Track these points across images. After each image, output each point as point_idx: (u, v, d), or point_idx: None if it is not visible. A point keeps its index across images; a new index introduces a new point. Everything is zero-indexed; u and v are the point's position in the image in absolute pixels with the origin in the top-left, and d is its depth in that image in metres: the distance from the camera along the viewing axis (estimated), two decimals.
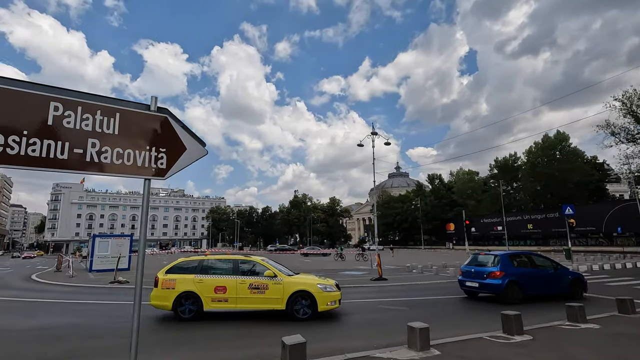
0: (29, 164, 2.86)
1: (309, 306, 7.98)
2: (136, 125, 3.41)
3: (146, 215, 3.34)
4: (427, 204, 77.83)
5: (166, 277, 8.16)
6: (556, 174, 49.88)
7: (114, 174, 3.22)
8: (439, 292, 12.76)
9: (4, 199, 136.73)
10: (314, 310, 7.95)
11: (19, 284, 17.92)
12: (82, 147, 3.10)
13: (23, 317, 8.83)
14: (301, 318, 7.88)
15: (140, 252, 3.33)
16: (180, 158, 3.62)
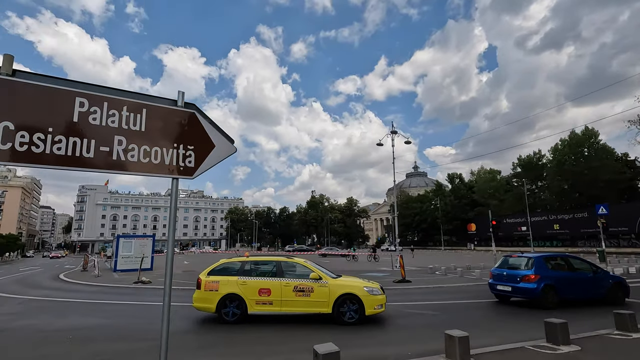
0: (56, 163, 2.71)
1: (356, 310, 7.72)
2: (163, 122, 3.24)
3: (174, 215, 3.16)
4: (446, 204, 76.20)
5: (209, 279, 8.06)
6: (585, 172, 47.75)
7: (141, 173, 3.06)
8: (468, 296, 12.23)
9: (34, 201, 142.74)
10: (361, 314, 7.66)
11: (48, 283, 18.43)
12: (108, 144, 2.94)
13: (54, 317, 8.94)
14: (348, 322, 7.61)
15: (168, 252, 3.15)
16: (209, 156, 3.44)
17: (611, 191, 47.92)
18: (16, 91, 2.63)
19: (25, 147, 2.61)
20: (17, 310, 10.01)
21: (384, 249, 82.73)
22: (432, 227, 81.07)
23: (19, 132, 2.60)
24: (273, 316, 8.28)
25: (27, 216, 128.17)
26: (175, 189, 3.20)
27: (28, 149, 2.61)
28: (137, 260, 25.13)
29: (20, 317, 8.88)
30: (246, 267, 8.32)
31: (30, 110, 2.67)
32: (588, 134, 49.27)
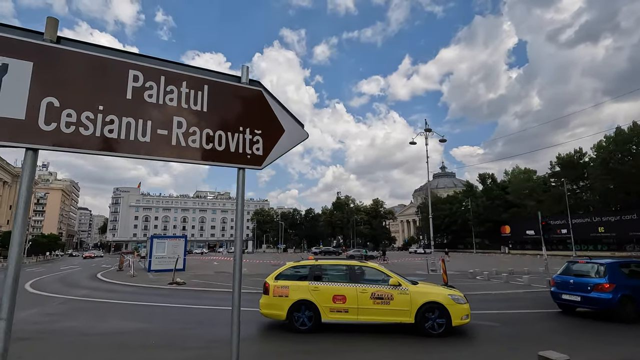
0: (107, 148, 2.23)
1: (442, 320, 7.01)
2: (227, 101, 2.72)
3: (241, 212, 2.63)
4: (478, 205, 73.25)
5: (277, 284, 7.63)
6: (633, 170, 44.25)
7: (203, 161, 2.54)
8: (523, 305, 11.16)
9: (73, 203, 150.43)
10: (448, 325, 6.96)
11: (87, 282, 18.78)
12: (166, 127, 2.44)
13: (95, 319, 8.78)
14: (434, 334, 6.95)
15: (236, 252, 2.61)
16: (279, 142, 2.89)
17: None
18: (61, 61, 2.17)
19: (73, 129, 2.14)
20: (58, 310, 9.98)
21: (412, 251, 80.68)
22: (463, 229, 78.24)
23: (65, 110, 2.14)
24: (347, 325, 7.64)
25: (66, 217, 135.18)
26: (242, 182, 2.66)
27: (76, 130, 2.14)
28: (170, 260, 25.38)
29: (61, 319, 8.78)
30: (316, 272, 7.79)
31: (77, 84, 2.20)
32: (637, 130, 45.66)
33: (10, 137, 1.97)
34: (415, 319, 7.01)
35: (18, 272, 1.89)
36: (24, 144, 2.00)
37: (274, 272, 8.07)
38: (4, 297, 1.82)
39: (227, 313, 9.66)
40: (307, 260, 8.68)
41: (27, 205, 1.97)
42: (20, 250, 1.91)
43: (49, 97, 2.09)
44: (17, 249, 1.90)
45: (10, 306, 1.83)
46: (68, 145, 2.11)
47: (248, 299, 12.62)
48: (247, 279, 19.98)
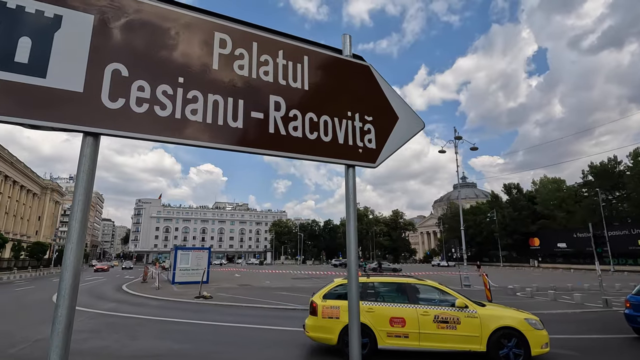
0: (190, 135, 1.60)
1: (518, 349, 6.12)
2: (331, 78, 2.07)
3: (354, 220, 1.96)
4: (504, 217, 70.49)
5: (326, 304, 6.88)
6: None
7: (306, 155, 1.88)
8: (593, 328, 9.96)
9: (97, 214, 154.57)
10: (526, 355, 6.07)
11: (113, 294, 18.49)
12: (261, 108, 1.80)
13: (125, 337, 8.26)
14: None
15: (351, 264, 1.92)
16: (393, 132, 2.20)
17: None
18: (131, 14, 1.57)
19: (146, 107, 1.51)
20: (87, 327, 9.51)
21: (435, 264, 78.12)
22: (488, 241, 75.46)
23: (136, 81, 1.52)
24: (408, 353, 6.67)
25: (91, 228, 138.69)
26: (352, 181, 1.98)
27: (150, 109, 1.52)
28: (194, 272, 25.01)
29: (91, 336, 8.28)
30: (369, 290, 7.03)
31: (152, 47, 1.59)
32: None
33: (63, 117, 1.37)
34: (487, 347, 6.13)
35: (77, 284, 1.29)
36: (82, 127, 1.39)
37: (320, 290, 7.32)
38: (60, 309, 1.27)
39: (259, 332, 8.99)
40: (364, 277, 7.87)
41: (86, 206, 1.37)
42: (78, 257, 1.32)
43: (114, 64, 1.49)
44: (76, 256, 1.30)
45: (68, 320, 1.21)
46: (140, 129, 1.49)
47: (281, 315, 11.94)
48: (271, 292, 19.30)
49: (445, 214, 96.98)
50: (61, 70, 1.40)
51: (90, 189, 1.39)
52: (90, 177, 1.39)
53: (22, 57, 1.35)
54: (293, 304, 14.33)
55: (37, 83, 1.35)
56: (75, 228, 1.34)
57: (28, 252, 52.26)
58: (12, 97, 1.31)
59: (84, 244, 1.37)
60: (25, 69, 1.35)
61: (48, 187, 73.49)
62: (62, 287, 1.30)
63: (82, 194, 1.37)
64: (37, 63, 1.37)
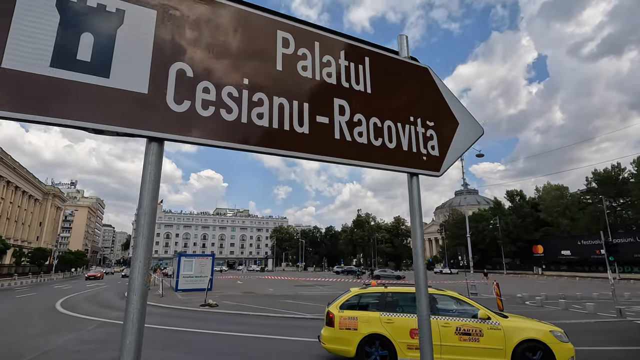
0: (257, 141, 1.48)
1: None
2: (391, 80, 1.95)
3: (420, 225, 1.81)
4: (507, 224, 70.06)
5: (343, 314, 6.67)
6: None
7: (371, 162, 1.76)
8: (611, 340, 9.73)
9: (98, 220, 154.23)
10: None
11: (117, 302, 18.26)
12: (326, 113, 1.68)
13: None
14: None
15: (419, 276, 1.78)
16: (455, 138, 2.07)
17: None
18: (196, 11, 1.46)
19: (212, 111, 1.40)
20: (95, 336, 9.31)
21: (438, 271, 77.45)
22: (491, 248, 74.94)
23: (201, 82, 1.40)
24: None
25: (91, 234, 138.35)
26: (417, 192, 1.84)
27: (216, 113, 1.40)
28: (198, 279, 24.75)
29: (101, 347, 8.08)
30: (387, 301, 6.84)
31: (214, 46, 1.47)
32: None
33: (128, 121, 1.25)
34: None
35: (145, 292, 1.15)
36: (147, 132, 1.27)
37: (337, 299, 7.12)
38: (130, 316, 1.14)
39: (272, 342, 8.79)
40: (372, 286, 7.69)
41: (152, 218, 1.25)
42: (144, 273, 1.19)
43: (179, 63, 1.37)
44: (142, 274, 1.17)
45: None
46: (206, 134, 1.36)
47: (290, 324, 11.71)
48: (276, 300, 19.04)
49: (447, 220, 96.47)
50: (125, 69, 1.28)
51: (156, 199, 1.27)
52: (155, 187, 1.26)
53: (85, 55, 1.23)
54: (300, 312, 14.10)
55: (101, 83, 1.23)
56: (142, 244, 1.22)
57: (29, 258, 51.96)
58: (75, 99, 1.19)
59: (150, 258, 1.24)
60: (89, 68, 1.23)
61: (50, 192, 73.42)
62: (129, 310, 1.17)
63: (148, 206, 1.24)
64: (100, 61, 1.25)
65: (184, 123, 1.33)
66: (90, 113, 1.20)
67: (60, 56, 1.19)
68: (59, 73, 1.17)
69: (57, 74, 1.17)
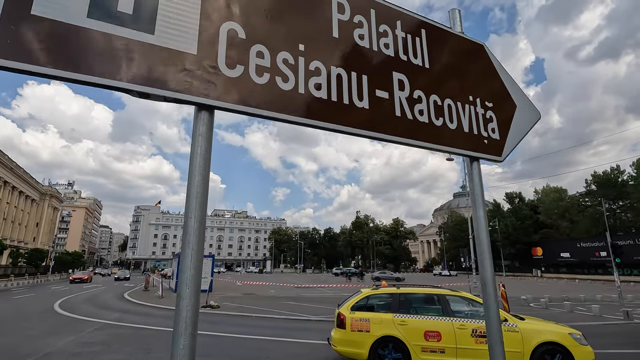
0: (313, 114, 1.31)
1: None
2: (448, 56, 1.77)
3: (484, 215, 1.64)
4: (507, 226, 69.98)
5: (355, 316, 6.44)
6: None
7: (432, 144, 1.58)
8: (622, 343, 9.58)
9: (95, 221, 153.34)
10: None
11: (116, 303, 17.96)
12: (386, 87, 1.50)
13: (139, 351, 7.80)
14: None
15: (486, 275, 1.59)
16: (513, 121, 1.89)
17: None
18: None
19: (266, 78, 1.22)
20: (96, 338, 9.06)
21: (437, 273, 77.23)
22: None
23: (254, 46, 1.22)
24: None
25: (89, 235, 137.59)
26: (478, 178, 1.66)
27: (271, 80, 1.22)
28: None
29: (103, 349, 7.83)
30: (400, 302, 6.63)
31: (267, 6, 1.29)
32: None
33: (176, 84, 1.07)
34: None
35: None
36: (197, 98, 1.09)
37: (348, 301, 6.90)
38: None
39: (279, 345, 8.58)
40: (383, 287, 7.48)
41: (204, 199, 1.07)
42: (198, 261, 1.00)
43: (230, 23, 1.19)
44: (196, 260, 0.99)
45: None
46: (261, 103, 1.19)
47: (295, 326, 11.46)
48: (279, 302, 18.79)
49: (447, 222, 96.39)
50: (171, 25, 1.10)
51: (207, 175, 1.08)
52: (206, 162, 1.08)
53: (126, 7, 1.05)
54: (304, 314, 13.88)
55: (144, 40, 1.05)
56: (194, 227, 1.03)
57: (25, 259, 51.42)
58: (116, 56, 1.00)
59: (203, 244, 1.05)
60: (131, 22, 1.04)
61: (47, 193, 72.80)
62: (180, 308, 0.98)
63: (199, 184, 1.05)
64: (143, 15, 1.07)
65: (238, 90, 1.15)
66: (133, 73, 1.01)
67: (98, 5, 1.01)
68: (97, 25, 0.99)
69: (95, 25, 0.99)
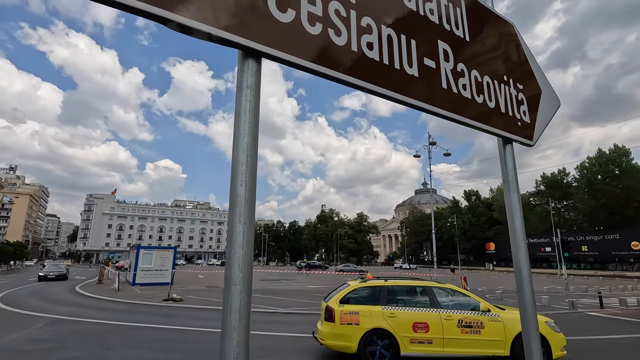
0: (361, 74, 1.14)
1: (542, 352, 5.96)
2: (487, 33, 1.68)
3: (518, 200, 1.56)
4: (464, 222, 73.81)
5: (344, 309, 6.35)
6: (617, 191, 45.63)
7: (476, 122, 1.49)
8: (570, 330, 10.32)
9: (41, 209, 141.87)
10: (549, 358, 5.98)
11: (67, 297, 16.68)
12: (433, 56, 1.37)
13: (97, 347, 7.23)
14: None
15: (521, 265, 1.53)
16: (540, 106, 1.85)
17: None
18: None
19: (320, 28, 1.06)
20: (47, 335, 8.30)
21: (397, 266, 79.91)
22: (448, 245, 78.48)
23: None
24: (421, 358, 6.27)
25: (33, 224, 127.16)
26: (512, 160, 1.59)
27: (324, 32, 1.06)
28: (158, 273, 23.42)
29: (57, 346, 7.18)
30: (388, 295, 6.65)
31: None
32: (620, 153, 47.34)
33: (223, 21, 0.87)
34: (511, 352, 6.01)
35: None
36: (245, 40, 0.90)
37: (335, 294, 6.83)
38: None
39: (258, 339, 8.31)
40: (370, 280, 7.48)
41: (254, 150, 0.89)
42: (250, 240, 0.81)
43: None
44: (248, 239, 0.80)
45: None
46: (314, 56, 1.02)
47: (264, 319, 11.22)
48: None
49: (408, 218, 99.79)
50: None
51: (257, 136, 0.90)
52: (256, 120, 0.91)
53: None
54: (271, 307, 13.69)
55: None
56: (244, 196, 0.84)
57: None
58: None
59: (254, 219, 0.87)
60: None
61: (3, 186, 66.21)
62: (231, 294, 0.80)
63: (250, 146, 0.88)
64: None
65: (289, 37, 0.97)
66: (173, 2, 0.80)
67: None
68: None
69: None
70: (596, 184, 47.76)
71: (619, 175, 46.76)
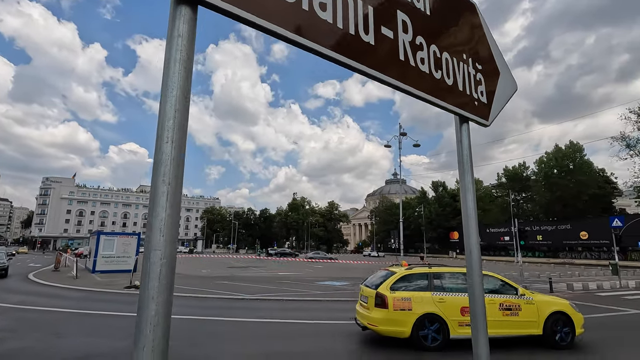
0: (319, 39, 1.09)
1: (567, 331, 6.81)
2: (448, 9, 1.66)
3: (472, 181, 1.60)
4: (431, 212, 76.50)
5: (396, 296, 6.59)
6: (570, 185, 48.90)
7: (431, 97, 1.47)
8: None
9: None
10: (572, 335, 6.78)
11: (19, 285, 15.70)
12: (391, 26, 1.34)
13: (51, 336, 6.85)
14: (563, 345, 6.74)
15: (472, 248, 1.57)
16: (497, 88, 1.87)
17: (595, 205, 49.29)
18: None
19: None
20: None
21: (367, 254, 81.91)
22: (415, 233, 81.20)
23: None
24: (469, 340, 6.47)
25: None
26: (468, 139, 1.61)
27: None
28: (120, 260, 22.54)
29: (6, 336, 6.72)
30: (435, 281, 6.95)
31: None
32: (574, 149, 50.63)
33: None
34: (544, 331, 6.69)
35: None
36: None
37: (384, 281, 6.97)
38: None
39: (213, 324, 8.23)
40: (410, 267, 7.71)
41: (185, 107, 0.79)
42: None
43: None
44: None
45: None
46: (258, 10, 0.94)
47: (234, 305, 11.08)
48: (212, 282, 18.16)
49: (378, 207, 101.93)
50: None
51: (188, 90, 0.82)
52: (187, 73, 0.83)
53: None
54: (241, 293, 13.58)
55: None
56: (170, 154, 0.77)
57: None
58: None
59: (182, 182, 0.80)
60: None
61: None
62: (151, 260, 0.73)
63: (180, 100, 0.80)
64: None
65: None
66: None
67: None
68: None
69: None
70: (552, 177, 50.88)
71: (572, 170, 50.05)
